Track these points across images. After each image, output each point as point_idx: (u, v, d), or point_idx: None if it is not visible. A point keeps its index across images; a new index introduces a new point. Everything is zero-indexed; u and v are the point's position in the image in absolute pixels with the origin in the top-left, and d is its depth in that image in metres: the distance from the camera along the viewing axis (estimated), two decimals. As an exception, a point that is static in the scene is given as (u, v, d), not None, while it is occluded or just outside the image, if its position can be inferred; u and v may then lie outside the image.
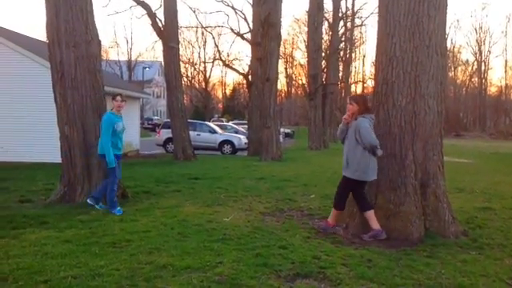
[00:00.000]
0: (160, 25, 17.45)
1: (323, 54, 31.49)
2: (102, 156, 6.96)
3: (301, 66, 56.22)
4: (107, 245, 5.01)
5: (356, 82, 58.26)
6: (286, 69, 65.00)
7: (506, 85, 69.13)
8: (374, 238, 5.49)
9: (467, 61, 73.45)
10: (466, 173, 14.05)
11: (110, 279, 3.95)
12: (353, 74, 58.88)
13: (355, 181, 5.62)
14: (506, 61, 67.93)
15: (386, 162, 5.77)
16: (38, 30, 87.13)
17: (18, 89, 14.79)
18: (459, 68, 73.09)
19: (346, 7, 39.99)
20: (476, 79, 70.37)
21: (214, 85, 69.68)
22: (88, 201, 7.09)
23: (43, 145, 14.13)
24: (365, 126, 5.49)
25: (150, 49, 74.33)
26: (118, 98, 7.09)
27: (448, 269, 4.51)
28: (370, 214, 5.60)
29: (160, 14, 17.76)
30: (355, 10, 41.36)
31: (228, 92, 70.82)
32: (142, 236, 5.40)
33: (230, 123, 37.29)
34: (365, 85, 57.05)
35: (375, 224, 5.55)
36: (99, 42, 8.30)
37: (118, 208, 6.87)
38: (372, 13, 43.99)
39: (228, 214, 6.75)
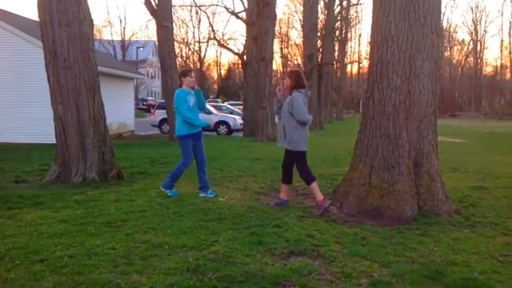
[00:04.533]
0: (153, 3, 17.23)
1: (319, 34, 31.24)
2: (180, 138, 6.57)
3: (296, 45, 55.84)
4: (103, 224, 5.03)
5: (352, 62, 58.05)
6: (281, 49, 64.46)
7: (502, 65, 69.12)
8: (324, 210, 5.73)
9: (463, 40, 73.34)
10: (461, 152, 14.14)
11: (106, 258, 3.98)
12: (348, 53, 58.66)
13: (292, 151, 5.98)
14: (501, 40, 68.16)
15: (380, 141, 5.80)
16: (29, 9, 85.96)
17: (12, 70, 14.67)
18: (455, 48, 72.93)
19: (342, -15, 39.54)
20: (472, 59, 70.25)
21: (209, 65, 69.23)
22: (200, 195, 6.63)
23: (38, 126, 14.06)
24: (298, 101, 5.84)
25: (143, 28, 73.68)
26: (192, 73, 6.78)
27: (441, 246, 4.56)
28: (314, 187, 5.97)
29: (153, -7, 17.53)
30: (351, -12, 40.93)
31: (223, 72, 70.41)
32: (138, 216, 5.42)
33: (226, 104, 37.18)
34: (360, 65, 56.92)
35: (319, 195, 5.90)
36: (92, 21, 8.22)
37: (174, 190, 6.66)
38: (368, -8, 43.59)
39: (223, 194, 6.78)
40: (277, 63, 60.46)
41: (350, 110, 61.14)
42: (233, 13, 25.83)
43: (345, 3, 40.49)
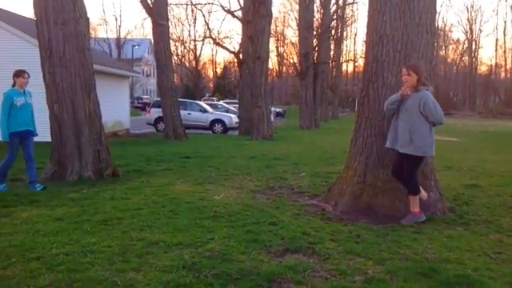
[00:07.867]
0: (149, 2, 17.21)
1: (314, 33, 31.27)
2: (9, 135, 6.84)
3: (292, 44, 55.94)
4: (99, 222, 5.04)
5: (347, 61, 58.20)
6: (277, 47, 64.70)
7: (496, 64, 69.51)
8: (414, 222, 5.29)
9: (458, 39, 73.79)
10: (455, 151, 14.21)
11: (101, 256, 3.99)
12: (344, 52, 58.77)
13: (419, 157, 5.32)
14: (496, 40, 68.27)
15: (375, 140, 5.82)
16: (25, 8, 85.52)
17: (7, 67, 14.57)
18: (450, 47, 73.29)
19: (338, -16, 39.56)
20: (466, 58, 70.56)
21: (205, 63, 69.17)
22: (29, 188, 6.91)
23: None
24: (433, 101, 5.20)
25: (139, 26, 73.59)
26: (26, 75, 7.00)
27: (434, 244, 4.59)
28: (416, 199, 5.38)
29: (149, -9, 17.50)
30: (347, -13, 40.98)
31: (219, 71, 70.42)
32: (134, 214, 5.43)
33: (221, 102, 37.18)
34: (356, 63, 57.03)
35: (417, 207, 5.37)
36: (87, 19, 8.22)
37: (3, 185, 6.91)
38: (364, -10, 43.59)
39: (219, 192, 6.80)
40: (272, 62, 60.59)
41: (345, 109, 61.30)
42: (229, 11, 25.86)
43: (341, 2, 40.54)
